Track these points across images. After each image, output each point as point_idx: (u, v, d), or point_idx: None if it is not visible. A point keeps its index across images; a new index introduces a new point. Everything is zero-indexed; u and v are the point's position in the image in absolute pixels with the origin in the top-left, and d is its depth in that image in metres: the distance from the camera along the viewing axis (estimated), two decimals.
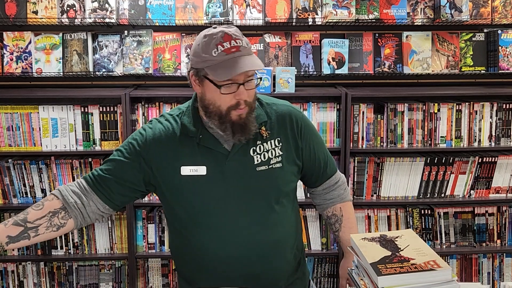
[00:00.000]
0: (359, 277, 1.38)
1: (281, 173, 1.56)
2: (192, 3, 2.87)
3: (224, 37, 1.43)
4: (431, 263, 1.24)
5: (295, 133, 1.60)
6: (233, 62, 1.43)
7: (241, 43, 1.45)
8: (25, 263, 2.96)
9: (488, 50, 3.05)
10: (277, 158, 1.55)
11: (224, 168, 1.52)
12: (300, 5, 2.90)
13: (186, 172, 1.52)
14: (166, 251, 2.97)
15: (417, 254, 1.29)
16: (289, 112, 1.61)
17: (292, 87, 2.79)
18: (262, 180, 1.53)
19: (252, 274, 1.55)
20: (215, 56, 1.43)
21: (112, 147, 2.85)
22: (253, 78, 1.49)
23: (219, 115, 1.48)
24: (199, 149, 1.53)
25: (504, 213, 3.01)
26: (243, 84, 1.45)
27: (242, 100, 1.47)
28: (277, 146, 1.57)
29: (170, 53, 2.96)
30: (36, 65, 2.92)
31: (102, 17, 2.84)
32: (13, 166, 2.87)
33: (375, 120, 2.90)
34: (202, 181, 1.52)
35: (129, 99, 2.77)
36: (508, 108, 2.92)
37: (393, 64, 3.00)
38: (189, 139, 1.54)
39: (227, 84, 1.44)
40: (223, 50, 1.43)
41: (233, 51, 1.43)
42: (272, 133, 1.57)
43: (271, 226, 1.55)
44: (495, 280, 3.04)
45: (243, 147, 1.53)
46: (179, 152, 1.53)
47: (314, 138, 1.66)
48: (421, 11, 2.95)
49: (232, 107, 1.47)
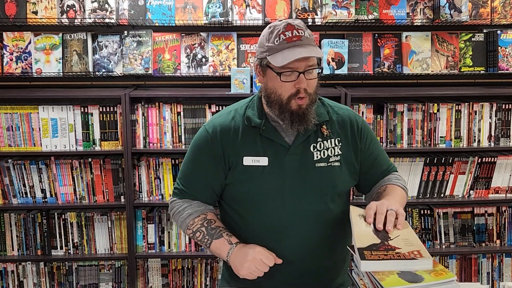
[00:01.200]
0: (358, 277, 1.38)
1: (339, 172, 1.59)
2: (191, 4, 2.88)
3: (287, 27, 1.50)
4: (415, 253, 1.27)
5: (355, 135, 1.63)
6: (292, 49, 1.48)
7: (303, 33, 1.50)
8: (25, 263, 2.96)
9: (487, 50, 3.06)
10: (336, 157, 1.59)
11: (284, 160, 1.55)
12: (299, 6, 2.90)
13: (248, 162, 1.56)
14: (166, 251, 2.97)
15: (405, 244, 1.32)
16: (349, 115, 1.66)
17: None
18: (320, 176, 1.56)
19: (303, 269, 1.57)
20: (277, 45, 1.49)
21: (112, 147, 2.85)
22: (314, 68, 1.52)
23: (279, 103, 1.52)
24: (261, 141, 1.57)
25: (504, 213, 3.01)
26: (303, 73, 1.49)
27: (302, 89, 1.49)
28: (337, 145, 1.60)
29: (170, 53, 2.96)
30: (36, 65, 2.92)
31: (102, 17, 2.84)
32: (13, 166, 2.87)
33: (374, 120, 2.90)
34: (263, 171, 1.55)
35: (129, 99, 2.78)
36: (507, 109, 2.92)
37: (392, 65, 3.01)
38: (252, 131, 1.58)
39: (287, 71, 1.49)
40: (285, 38, 1.48)
41: (294, 40, 1.48)
42: (333, 132, 1.61)
43: (324, 222, 1.57)
44: (494, 280, 3.04)
45: (304, 142, 1.57)
46: (242, 142, 1.57)
47: (372, 141, 1.68)
48: (421, 12, 2.95)
49: (293, 96, 1.50)
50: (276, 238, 1.56)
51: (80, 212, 2.95)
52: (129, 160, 2.81)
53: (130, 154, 2.81)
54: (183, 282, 3.02)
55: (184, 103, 2.88)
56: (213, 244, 1.55)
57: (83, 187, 2.90)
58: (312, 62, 1.51)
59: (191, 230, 1.60)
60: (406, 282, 1.25)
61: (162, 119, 2.86)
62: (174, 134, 2.88)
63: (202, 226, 1.58)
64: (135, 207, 2.92)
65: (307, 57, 1.48)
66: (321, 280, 1.62)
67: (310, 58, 1.50)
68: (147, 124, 2.86)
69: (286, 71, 1.49)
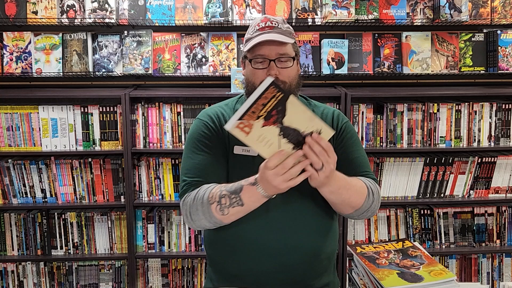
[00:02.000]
0: (358, 277, 1.39)
1: None
2: (191, 3, 2.88)
3: (263, 19, 1.56)
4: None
5: (335, 131, 1.63)
6: (260, 36, 1.52)
7: (277, 24, 1.54)
8: (25, 263, 2.96)
9: (487, 50, 3.06)
10: None
11: None
12: (299, 5, 2.90)
13: (238, 151, 1.58)
14: (166, 251, 2.97)
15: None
16: (334, 113, 1.68)
17: None
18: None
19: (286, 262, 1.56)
20: (251, 35, 1.57)
21: (112, 147, 2.85)
22: (287, 57, 1.54)
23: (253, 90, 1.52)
24: None
25: (504, 213, 3.01)
26: (274, 61, 1.52)
27: (273, 76, 1.50)
28: None
29: (169, 53, 2.96)
30: (36, 65, 2.93)
31: (102, 17, 2.84)
32: (13, 166, 2.87)
33: (374, 120, 2.90)
34: (253, 162, 1.55)
35: (128, 99, 2.78)
36: (507, 108, 2.92)
37: (392, 64, 3.01)
38: None
39: (258, 58, 1.53)
40: (258, 28, 1.56)
41: (266, 29, 1.53)
42: None
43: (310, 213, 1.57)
44: (494, 280, 3.04)
45: None
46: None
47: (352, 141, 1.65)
48: (421, 12, 2.95)
49: None
50: (260, 229, 1.55)
51: (80, 212, 2.95)
52: (129, 160, 2.81)
53: (130, 154, 2.81)
54: (183, 282, 3.02)
55: (184, 103, 2.88)
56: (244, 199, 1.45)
57: (83, 187, 2.90)
58: (285, 51, 1.54)
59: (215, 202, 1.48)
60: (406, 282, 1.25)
61: (162, 119, 2.86)
62: (174, 134, 2.88)
63: (222, 191, 1.48)
64: (135, 207, 2.92)
65: (278, 45, 1.51)
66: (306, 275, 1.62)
67: (283, 47, 1.52)
68: (147, 124, 2.86)
69: (257, 58, 1.53)
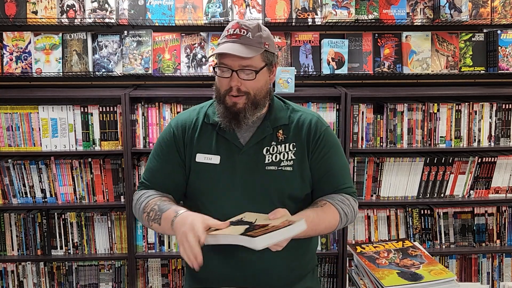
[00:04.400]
0: (358, 277, 1.39)
1: (290, 176, 1.58)
2: (191, 3, 2.88)
3: (234, 25, 1.52)
4: (286, 222, 1.32)
5: (310, 142, 1.61)
6: (224, 45, 1.50)
7: (246, 33, 1.50)
8: (25, 263, 2.96)
9: (487, 50, 3.06)
10: (288, 161, 1.58)
11: (236, 160, 1.57)
12: (299, 5, 2.90)
13: (200, 159, 1.59)
14: (166, 251, 2.97)
15: (268, 221, 1.37)
16: (312, 121, 1.63)
17: (292, 87, 2.79)
18: (268, 179, 1.56)
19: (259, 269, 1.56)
20: (220, 40, 1.55)
21: (111, 147, 2.85)
22: (250, 70, 1.51)
23: (218, 98, 1.57)
24: (217, 139, 1.59)
25: (504, 213, 3.01)
26: (236, 72, 1.51)
27: (234, 87, 1.52)
28: (291, 150, 1.59)
29: (169, 53, 2.96)
30: (36, 65, 2.92)
31: (102, 17, 2.84)
32: (12, 166, 2.87)
33: (374, 120, 2.90)
34: (214, 169, 1.57)
35: (128, 99, 2.78)
36: (507, 108, 2.92)
37: (392, 64, 3.01)
38: (210, 128, 1.61)
39: (221, 67, 1.52)
40: (226, 35, 1.53)
41: (232, 38, 1.50)
42: (288, 138, 1.60)
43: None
44: (494, 280, 3.04)
45: (258, 144, 1.58)
46: (198, 139, 1.60)
47: (329, 153, 1.61)
48: (421, 11, 2.95)
49: (227, 92, 1.54)
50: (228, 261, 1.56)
51: (80, 212, 2.95)
52: (129, 160, 2.80)
53: (130, 154, 2.81)
54: (183, 282, 3.02)
55: (184, 103, 2.88)
56: (162, 218, 1.48)
57: (83, 187, 2.90)
58: (248, 63, 1.50)
59: (146, 212, 1.55)
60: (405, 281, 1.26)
61: (162, 119, 2.86)
62: None
63: (155, 205, 1.54)
64: None
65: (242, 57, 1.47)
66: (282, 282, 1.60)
67: (247, 58, 1.49)
68: (147, 124, 2.86)
69: (221, 67, 1.52)
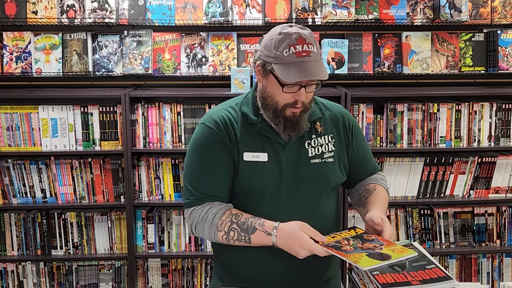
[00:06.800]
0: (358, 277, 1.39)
1: (333, 167, 1.63)
2: (191, 3, 2.88)
3: (298, 39, 1.48)
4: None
5: (347, 132, 1.68)
6: (301, 66, 1.47)
7: (313, 48, 1.50)
8: (25, 263, 2.96)
9: (487, 50, 3.06)
10: (330, 153, 1.63)
11: (281, 157, 1.58)
12: (299, 5, 2.90)
13: (248, 158, 1.58)
14: (166, 251, 2.97)
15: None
16: (341, 112, 1.70)
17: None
18: (314, 172, 1.59)
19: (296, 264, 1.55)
20: (285, 56, 1.47)
21: (111, 147, 2.85)
22: (315, 82, 1.54)
23: (274, 109, 1.55)
24: (260, 137, 1.59)
25: (504, 213, 3.01)
26: (304, 87, 1.51)
27: (300, 101, 1.52)
28: (330, 141, 1.64)
29: (169, 53, 2.96)
30: (36, 65, 2.92)
31: (102, 17, 2.84)
32: (12, 166, 2.87)
33: (374, 120, 2.90)
34: (262, 167, 1.57)
35: (128, 99, 2.78)
36: (507, 108, 2.92)
37: (392, 64, 3.01)
38: (249, 127, 1.60)
39: (290, 84, 1.50)
40: (295, 52, 1.47)
41: (303, 55, 1.48)
42: (326, 129, 1.64)
43: (318, 215, 1.60)
44: (494, 280, 3.04)
45: (299, 139, 1.60)
46: (241, 138, 1.59)
47: (361, 139, 1.74)
48: (421, 11, 2.95)
49: (289, 105, 1.53)
50: None
51: (80, 212, 2.95)
52: (129, 160, 2.81)
53: (130, 154, 2.81)
54: (183, 282, 3.02)
55: (184, 103, 2.88)
56: (253, 240, 1.51)
57: (83, 187, 2.90)
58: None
59: (223, 231, 1.53)
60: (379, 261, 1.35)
61: (162, 119, 2.86)
62: (174, 134, 2.88)
63: (233, 223, 1.52)
64: (135, 207, 2.92)
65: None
66: (313, 273, 1.63)
67: None
68: (147, 124, 2.86)
69: (290, 84, 1.49)
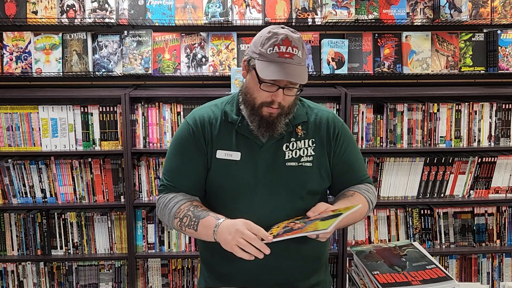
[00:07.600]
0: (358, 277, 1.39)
1: (310, 172, 1.62)
2: (191, 3, 2.88)
3: (285, 40, 1.50)
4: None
5: (330, 138, 1.65)
6: (281, 66, 1.49)
7: (297, 52, 1.50)
8: (24, 263, 2.96)
9: (487, 50, 3.06)
10: (308, 157, 1.62)
11: (257, 157, 1.59)
12: (299, 5, 2.90)
13: (221, 155, 1.60)
14: (166, 251, 2.97)
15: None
16: (329, 118, 1.68)
17: None
18: (289, 175, 1.59)
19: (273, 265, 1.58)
20: (268, 54, 1.50)
21: (111, 147, 2.85)
22: (295, 87, 1.54)
23: (251, 105, 1.57)
24: (236, 136, 1.61)
25: (504, 213, 3.01)
26: (283, 88, 1.51)
27: (276, 101, 1.53)
28: (310, 146, 1.63)
29: (169, 53, 2.96)
30: (36, 65, 2.92)
31: (102, 17, 2.84)
32: (12, 166, 2.87)
33: (374, 120, 2.90)
34: (234, 166, 1.59)
35: (128, 99, 2.78)
36: (507, 108, 2.92)
37: (392, 64, 3.01)
38: (229, 126, 1.62)
39: (268, 82, 1.51)
40: (278, 52, 1.49)
41: (286, 57, 1.49)
42: (308, 134, 1.64)
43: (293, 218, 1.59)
44: (494, 280, 3.04)
45: (278, 141, 1.60)
46: (217, 136, 1.61)
47: (350, 147, 1.69)
48: (421, 11, 2.95)
49: (265, 104, 1.54)
50: None
51: (80, 212, 2.95)
52: (129, 160, 2.81)
53: (130, 154, 2.81)
54: (183, 282, 3.02)
55: (184, 103, 2.88)
56: (200, 224, 1.51)
57: (83, 187, 2.90)
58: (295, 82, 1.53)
59: (178, 217, 1.56)
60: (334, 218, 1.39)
61: (162, 119, 2.86)
62: (174, 134, 2.88)
63: (189, 211, 1.55)
64: (135, 207, 2.92)
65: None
66: (294, 277, 1.63)
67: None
68: (147, 124, 2.86)
69: (268, 82, 1.51)
